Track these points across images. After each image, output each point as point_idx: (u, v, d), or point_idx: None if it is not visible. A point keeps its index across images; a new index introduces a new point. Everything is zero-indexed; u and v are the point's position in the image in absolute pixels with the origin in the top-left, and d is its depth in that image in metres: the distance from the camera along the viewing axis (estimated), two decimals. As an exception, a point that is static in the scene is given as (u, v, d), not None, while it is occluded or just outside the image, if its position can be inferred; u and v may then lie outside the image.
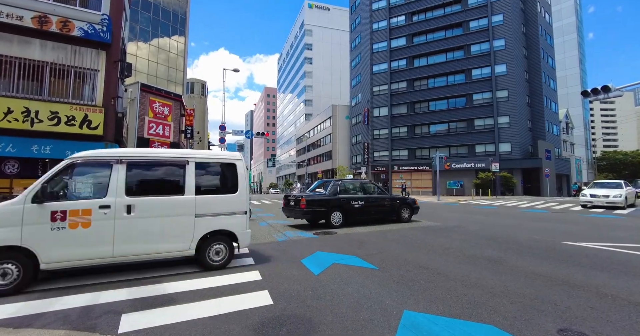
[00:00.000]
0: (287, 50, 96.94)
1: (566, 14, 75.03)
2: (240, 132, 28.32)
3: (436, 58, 41.71)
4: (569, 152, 52.02)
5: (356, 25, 52.29)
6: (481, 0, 39.21)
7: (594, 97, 14.90)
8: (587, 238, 7.43)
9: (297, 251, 6.17)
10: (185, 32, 39.81)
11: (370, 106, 45.91)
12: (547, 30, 43.09)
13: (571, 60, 73.38)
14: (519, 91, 36.96)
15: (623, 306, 3.26)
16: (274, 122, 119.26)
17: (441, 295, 3.63)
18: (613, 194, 15.20)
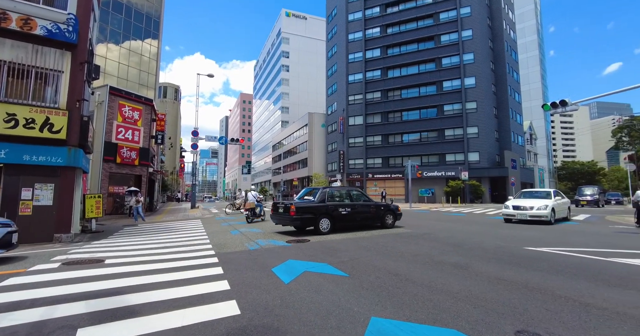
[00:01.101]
0: (263, 57, 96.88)
1: (529, 32, 79.90)
2: (213, 138, 27.83)
3: (409, 70, 43.07)
4: (533, 162, 54.86)
5: (332, 35, 53.17)
6: (452, 16, 41.04)
7: (553, 110, 15.85)
8: (547, 243, 7.82)
9: (268, 260, 6.09)
10: (159, 35, 38.93)
11: (346, 115, 46.53)
12: (512, 46, 45.66)
13: (534, 75, 77.95)
14: (487, 103, 38.75)
15: (574, 307, 3.45)
16: (250, 128, 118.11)
17: (408, 300, 3.70)
18: (537, 206, 12.59)
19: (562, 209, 13.84)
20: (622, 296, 3.85)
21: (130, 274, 5.17)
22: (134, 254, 7.07)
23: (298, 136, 60.72)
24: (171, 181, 56.11)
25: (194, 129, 25.79)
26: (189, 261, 6.09)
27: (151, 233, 10.99)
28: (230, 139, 28.14)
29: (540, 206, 12.55)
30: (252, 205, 14.41)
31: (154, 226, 13.75)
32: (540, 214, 12.36)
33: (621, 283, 4.38)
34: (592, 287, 4.20)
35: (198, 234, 10.38)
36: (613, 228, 11.41)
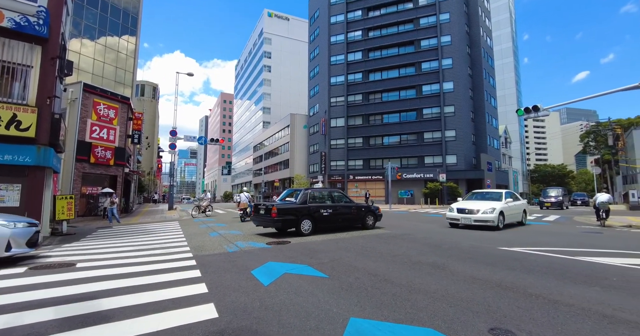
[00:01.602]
0: (245, 57, 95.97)
1: (504, 39, 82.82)
2: (192, 139, 27.29)
3: (390, 73, 43.77)
4: (507, 165, 56.81)
5: (315, 37, 53.32)
6: (432, 21, 42.03)
7: (526, 115, 16.48)
8: (519, 243, 8.12)
9: (247, 262, 6.03)
10: (136, 32, 37.84)
11: (328, 117, 46.73)
12: (488, 52, 47.19)
13: (509, 81, 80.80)
14: (464, 107, 39.85)
15: (544, 304, 3.60)
16: (230, 128, 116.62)
17: (387, 300, 3.75)
18: (483, 209, 10.97)
19: (515, 212, 12.31)
20: (587, 292, 4.04)
21: (103, 278, 4.99)
22: (108, 257, 6.83)
23: (280, 137, 60.46)
24: (148, 182, 54.59)
25: (172, 128, 25.21)
26: (165, 264, 5.94)
27: (126, 236, 10.65)
28: (210, 140, 27.67)
29: (486, 209, 10.95)
30: (245, 205, 15.39)
31: (130, 228, 13.34)
32: (486, 219, 10.77)
33: (586, 280, 4.60)
34: (560, 285, 4.39)
35: (175, 236, 10.15)
36: (580, 228, 11.98)
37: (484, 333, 2.89)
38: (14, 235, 6.11)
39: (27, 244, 6.39)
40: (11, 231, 6.09)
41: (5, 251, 5.99)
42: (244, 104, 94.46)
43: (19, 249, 6.21)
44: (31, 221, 6.80)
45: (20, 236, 6.23)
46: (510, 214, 11.90)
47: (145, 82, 58.84)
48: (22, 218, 6.82)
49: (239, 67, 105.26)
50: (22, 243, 6.27)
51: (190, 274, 5.14)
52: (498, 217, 10.86)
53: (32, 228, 6.60)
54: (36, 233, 6.71)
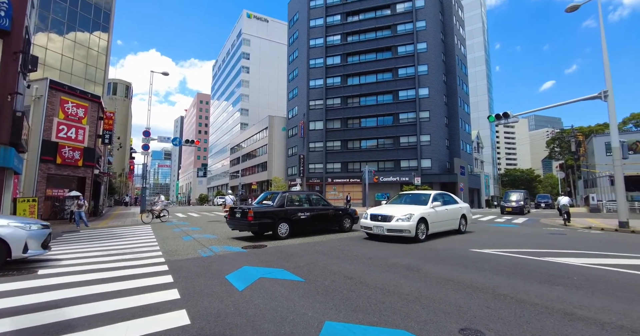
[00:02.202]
0: (223, 57, 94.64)
1: (477, 48, 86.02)
2: (167, 139, 26.54)
3: (368, 78, 44.47)
4: (479, 169, 58.82)
5: (294, 39, 53.39)
6: (408, 28, 43.09)
7: (497, 121, 17.20)
8: (490, 245, 8.41)
9: (222, 267, 5.91)
10: (109, 28, 36.50)
11: (307, 119, 46.80)
12: (462, 60, 48.87)
13: (481, 88, 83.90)
14: (439, 112, 41.03)
15: (512, 304, 3.74)
16: (207, 130, 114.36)
17: (362, 303, 3.79)
18: (399, 216, 8.79)
19: (446, 219, 10.07)
20: (551, 291, 4.24)
21: (67, 285, 4.74)
22: (73, 263, 6.51)
23: (258, 139, 59.92)
24: (119, 184, 52.49)
25: (145, 129, 24.42)
26: (135, 270, 5.73)
27: (94, 240, 10.19)
28: (185, 141, 26.99)
29: (402, 216, 8.69)
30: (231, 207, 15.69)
31: (98, 232, 12.77)
32: (401, 228, 8.53)
33: (550, 280, 4.83)
34: (527, 284, 4.59)
35: (147, 240, 9.81)
36: (546, 230, 12.56)
37: (455, 333, 2.97)
38: (30, 237, 6.20)
39: (42, 246, 6.50)
40: (27, 232, 6.17)
41: (23, 253, 6.09)
42: (221, 105, 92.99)
43: (34, 251, 6.30)
44: (43, 223, 6.84)
45: (36, 237, 6.33)
46: (439, 221, 9.68)
47: (117, 81, 56.81)
48: (33, 220, 6.88)
49: (216, 67, 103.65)
50: (38, 245, 6.37)
51: (161, 280, 4.98)
52: (417, 225, 8.59)
53: (45, 229, 6.71)
54: (49, 234, 6.83)
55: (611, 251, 7.53)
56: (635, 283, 4.73)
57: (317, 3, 48.70)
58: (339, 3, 47.41)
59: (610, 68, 13.74)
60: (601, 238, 10.22)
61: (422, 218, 8.97)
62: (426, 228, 9.10)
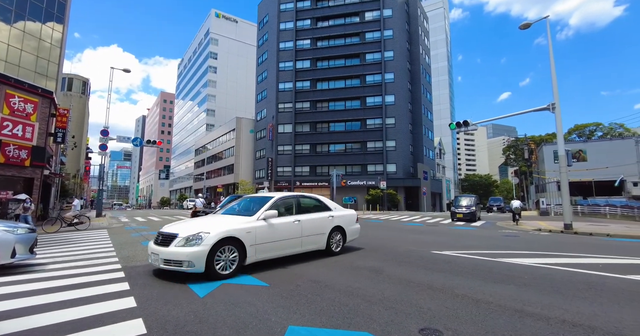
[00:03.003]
0: (189, 56, 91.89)
1: (440, 58, 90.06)
2: (127, 139, 25.25)
3: (337, 83, 45.11)
4: (441, 174, 61.35)
5: (263, 41, 53.02)
6: (376, 36, 44.28)
7: (458, 129, 18.06)
8: (450, 247, 8.77)
9: (183, 273, 5.69)
10: (64, 19, 34.23)
11: (275, 122, 46.51)
12: (426, 69, 50.93)
13: (444, 97, 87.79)
14: (404, 119, 42.41)
15: (468, 303, 3.92)
16: (170, 130, 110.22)
17: (326, 306, 3.80)
18: (181, 237, 5.25)
19: (296, 236, 6.64)
20: (504, 290, 4.50)
21: (11, 296, 4.35)
22: (18, 271, 5.99)
23: (224, 140, 58.61)
24: (73, 186, 49.06)
25: (103, 127, 23.09)
26: (88, 278, 5.37)
27: (42, 246, 9.43)
28: (147, 141, 25.81)
29: (188, 235, 5.25)
30: (200, 209, 15.85)
31: (47, 237, 11.83)
32: (178, 258, 5.04)
33: (504, 280, 5.12)
34: (482, 284, 4.83)
35: (102, 246, 9.24)
36: (501, 232, 13.32)
37: (415, 333, 3.06)
38: (18, 241, 6.00)
39: (30, 251, 6.30)
40: (15, 236, 5.97)
41: (11, 257, 5.87)
42: (186, 105, 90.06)
43: (22, 256, 6.11)
44: (30, 226, 6.65)
45: (24, 242, 6.13)
46: (278, 240, 6.21)
47: (73, 76, 53.36)
48: (19, 224, 6.72)
49: (182, 66, 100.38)
50: (26, 249, 6.18)
51: (117, 287, 4.71)
52: (210, 253, 5.10)
53: (32, 233, 6.49)
54: (36, 239, 6.62)
55: (557, 251, 8.12)
56: (575, 280, 5.14)
57: (288, 6, 48.78)
58: (309, 8, 47.78)
59: (558, 83, 14.92)
60: (549, 239, 11.00)
61: (232, 239, 5.38)
62: (242, 255, 5.49)
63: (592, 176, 36.59)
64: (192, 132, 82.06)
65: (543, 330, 3.14)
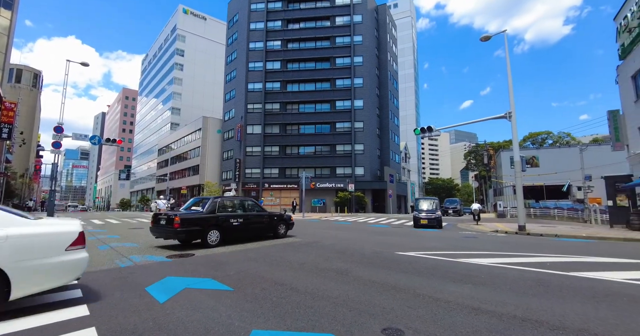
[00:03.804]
0: (154, 52, 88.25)
1: (407, 66, 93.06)
2: (84, 137, 23.76)
3: (307, 86, 45.24)
4: (407, 177, 63.20)
5: (233, 40, 52.11)
6: (346, 41, 44.96)
7: (422, 134, 18.70)
8: (413, 248, 9.05)
9: (142, 278, 5.44)
10: (13, 5, 31.69)
11: (244, 123, 45.76)
12: (394, 76, 52.40)
13: (410, 103, 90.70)
14: (372, 123, 43.33)
15: (429, 303, 4.07)
16: (132, 128, 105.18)
17: (290, 309, 3.79)
18: None
19: None
20: (462, 289, 4.71)
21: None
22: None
23: (190, 140, 56.78)
24: (21, 186, 45.29)
25: (57, 124, 21.56)
26: (34, 285, 4.97)
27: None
28: (106, 139, 24.40)
29: None
30: (164, 211, 14.71)
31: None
32: None
33: (462, 279, 5.36)
34: (442, 284, 5.03)
35: (52, 251, 8.60)
36: (462, 234, 13.94)
37: (377, 333, 3.13)
38: None
39: None
40: None
41: None
42: (149, 103, 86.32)
43: None
44: None
45: None
46: None
47: (23, 67, 49.51)
48: None
49: (146, 62, 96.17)
50: None
51: (68, 295, 4.41)
52: None
53: None
54: None
55: (511, 252, 8.63)
56: (526, 278, 5.48)
57: (258, 6, 48.32)
58: (280, 9, 47.63)
59: (514, 93, 15.92)
60: (504, 240, 11.67)
61: None
62: None
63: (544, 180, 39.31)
64: (155, 131, 78.76)
65: (496, 325, 3.32)
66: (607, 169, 26.10)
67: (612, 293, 4.62)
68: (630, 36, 18.42)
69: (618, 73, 20.24)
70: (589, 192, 26.50)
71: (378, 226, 17.98)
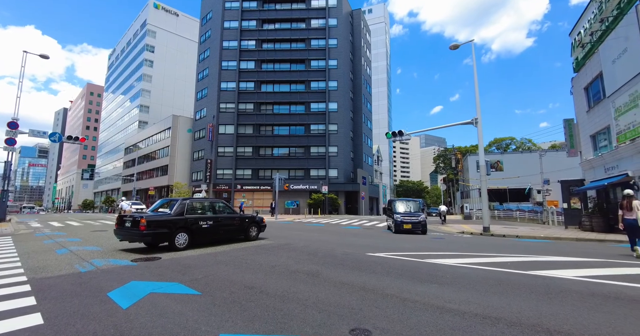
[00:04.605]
0: (122, 46, 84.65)
1: (381, 70, 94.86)
2: (42, 134, 22.37)
3: (282, 87, 45.08)
4: (379, 180, 64.39)
5: (206, 38, 51.01)
6: (321, 44, 45.25)
7: (394, 138, 19.16)
8: (383, 249, 9.23)
9: (104, 283, 5.20)
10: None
11: (216, 122, 44.83)
12: (367, 80, 53.31)
13: (382, 107, 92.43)
14: (346, 126, 43.82)
15: (397, 303, 4.17)
16: (97, 126, 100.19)
17: (259, 312, 3.76)
18: None
19: None
20: (428, 289, 4.87)
21: None
22: None
23: (159, 139, 54.88)
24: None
25: (12, 119, 20.16)
26: (-19, 293, 4.63)
27: None
28: (68, 137, 23.09)
29: None
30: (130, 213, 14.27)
31: None
32: None
33: (428, 279, 5.54)
34: (410, 284, 5.17)
35: (3, 256, 8.03)
36: (430, 235, 14.37)
37: (345, 334, 3.17)
38: None
39: None
40: None
41: None
42: (116, 99, 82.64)
43: None
44: None
45: None
46: None
47: (-28, 57, 45.84)
48: None
49: (113, 56, 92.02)
50: None
51: (20, 303, 4.13)
52: None
53: None
54: None
55: (475, 252, 9.02)
56: (489, 277, 5.75)
57: (233, 5, 47.63)
58: (255, 9, 47.20)
59: (480, 100, 16.67)
60: (470, 241, 12.16)
61: None
62: None
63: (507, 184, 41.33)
64: (122, 129, 75.47)
65: (459, 324, 3.47)
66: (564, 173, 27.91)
67: (564, 289, 4.95)
68: (583, 51, 19.82)
69: (572, 85, 21.71)
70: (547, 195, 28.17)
71: (350, 227, 18.18)
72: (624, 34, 15.24)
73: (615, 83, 16.19)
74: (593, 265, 7.12)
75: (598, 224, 15.96)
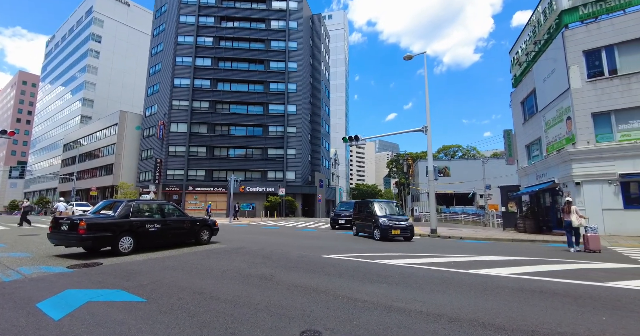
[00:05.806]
0: (64, 33, 77.61)
1: (339, 76, 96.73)
2: (-39, 126, 19.75)
3: (239, 86, 44.14)
4: (335, 183, 65.37)
5: (159, 31, 48.53)
6: (281, 46, 45.11)
7: (350, 142, 19.61)
8: (338, 251, 9.40)
9: (33, 293, 4.72)
10: None
11: (168, 120, 42.69)
12: (326, 85, 54.08)
13: (340, 112, 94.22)
14: (304, 129, 44.01)
15: (347, 303, 4.28)
16: (30, 119, 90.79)
17: (209, 318, 3.65)
18: None
19: None
20: (378, 289, 5.05)
21: None
22: None
23: (103, 136, 51.08)
24: None
25: None
26: None
27: None
28: (-7, 131, 20.59)
29: None
30: (67, 215, 13.78)
31: None
32: None
33: (379, 279, 5.75)
34: (361, 285, 5.33)
35: None
36: (382, 237, 14.85)
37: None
38: None
39: None
40: None
41: None
42: (55, 91, 75.51)
43: None
44: None
45: None
46: None
47: None
48: None
49: (52, 44, 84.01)
50: None
51: None
52: None
53: None
54: None
55: (423, 253, 9.50)
56: (434, 276, 6.11)
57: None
58: (213, 5, 45.86)
59: (431, 109, 17.64)
60: (418, 242, 12.78)
61: None
62: None
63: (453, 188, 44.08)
64: (61, 123, 69.08)
65: (405, 321, 3.64)
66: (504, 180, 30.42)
67: (498, 286, 5.40)
68: (520, 68, 21.86)
69: (511, 98, 23.83)
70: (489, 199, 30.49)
71: (306, 230, 18.25)
72: (553, 56, 17.06)
73: (545, 99, 18.05)
74: (524, 263, 7.84)
75: (530, 226, 17.57)
